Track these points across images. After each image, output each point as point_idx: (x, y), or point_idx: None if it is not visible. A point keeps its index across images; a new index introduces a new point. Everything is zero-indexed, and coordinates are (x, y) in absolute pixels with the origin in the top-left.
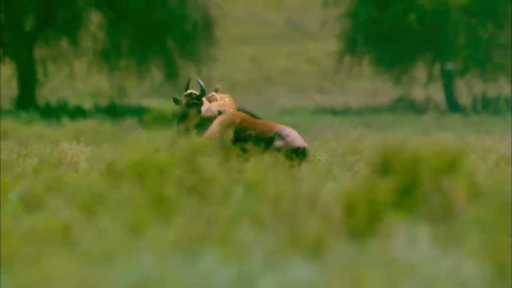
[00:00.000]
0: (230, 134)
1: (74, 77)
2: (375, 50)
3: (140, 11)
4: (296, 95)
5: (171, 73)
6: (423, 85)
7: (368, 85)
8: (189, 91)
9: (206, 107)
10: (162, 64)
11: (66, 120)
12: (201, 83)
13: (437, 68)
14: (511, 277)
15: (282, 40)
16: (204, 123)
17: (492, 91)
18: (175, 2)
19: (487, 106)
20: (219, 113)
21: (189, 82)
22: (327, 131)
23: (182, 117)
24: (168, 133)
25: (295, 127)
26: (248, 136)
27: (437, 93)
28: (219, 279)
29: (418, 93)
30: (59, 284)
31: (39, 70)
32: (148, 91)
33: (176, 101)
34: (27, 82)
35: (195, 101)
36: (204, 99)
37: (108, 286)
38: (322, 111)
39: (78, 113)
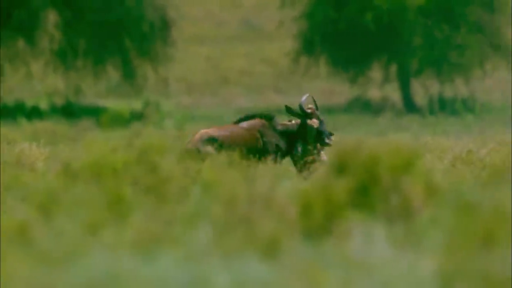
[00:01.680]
0: None
1: (31, 77)
2: (332, 51)
3: (97, 10)
4: (253, 95)
5: (127, 73)
6: (379, 85)
7: (324, 85)
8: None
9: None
10: (118, 64)
11: (23, 120)
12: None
13: (393, 68)
14: (467, 276)
15: (238, 40)
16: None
17: (448, 91)
18: (132, 2)
19: (443, 106)
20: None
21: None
22: None
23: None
24: (124, 133)
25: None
26: None
27: (393, 94)
28: (176, 279)
29: (374, 94)
30: (16, 284)
31: None
32: (104, 91)
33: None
34: None
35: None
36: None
37: (65, 286)
38: (279, 111)
39: (34, 113)
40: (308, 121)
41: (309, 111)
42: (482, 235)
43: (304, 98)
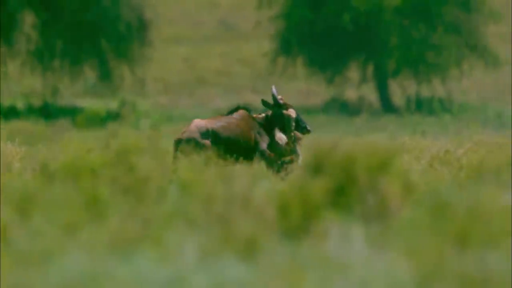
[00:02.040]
0: None
1: (8, 77)
2: (309, 51)
3: (73, 11)
4: (230, 95)
5: (104, 74)
6: (356, 85)
7: (301, 85)
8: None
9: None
10: (95, 65)
11: None
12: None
13: (370, 68)
14: (444, 276)
15: (215, 40)
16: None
17: (425, 91)
18: (108, 2)
19: (420, 106)
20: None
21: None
22: None
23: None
24: (101, 133)
25: None
26: None
27: (371, 94)
28: (153, 279)
29: (351, 94)
30: None
31: None
32: (81, 91)
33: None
34: None
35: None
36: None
37: (42, 286)
38: (256, 111)
39: (11, 113)
40: (285, 112)
41: (281, 101)
42: (459, 235)
43: (274, 89)
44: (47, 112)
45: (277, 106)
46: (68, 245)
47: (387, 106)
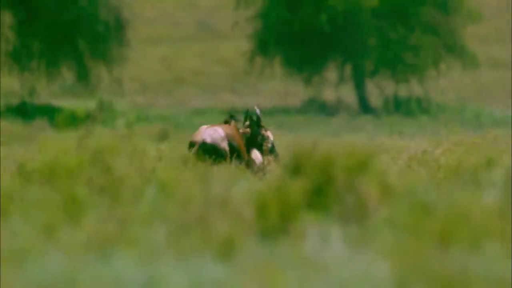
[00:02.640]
0: None
1: None
2: (286, 51)
3: (51, 11)
4: (208, 95)
5: (82, 74)
6: (334, 86)
7: (279, 86)
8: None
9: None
10: (73, 65)
11: None
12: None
13: (348, 69)
14: (422, 276)
15: (193, 40)
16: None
17: (403, 92)
18: (86, 2)
19: (398, 107)
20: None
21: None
22: None
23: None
24: (79, 133)
25: None
26: None
27: (348, 94)
28: (131, 280)
29: (329, 94)
30: None
31: None
32: (59, 91)
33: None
34: None
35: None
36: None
37: (20, 286)
38: (234, 112)
39: None
40: (264, 132)
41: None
42: (437, 235)
43: (258, 110)
44: (25, 112)
45: (258, 126)
46: (45, 246)
47: (365, 106)
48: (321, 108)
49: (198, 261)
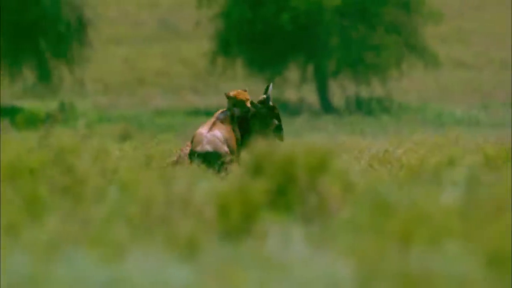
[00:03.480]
0: None
1: None
2: (248, 51)
3: (12, 11)
4: (170, 96)
5: (43, 74)
6: (296, 86)
7: (241, 86)
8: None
9: None
10: (34, 65)
11: None
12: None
13: (310, 69)
14: (384, 276)
15: (155, 40)
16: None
17: (364, 91)
18: (48, 2)
19: (360, 106)
20: None
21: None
22: None
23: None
24: (39, 134)
25: (169, 128)
26: None
27: (310, 94)
28: (93, 280)
29: (291, 95)
30: None
31: None
32: (20, 92)
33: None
34: None
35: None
36: None
37: None
38: (196, 112)
39: None
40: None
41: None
42: (399, 235)
43: (271, 87)
44: None
45: (267, 108)
46: (7, 246)
47: (327, 106)
48: (283, 108)
49: (161, 261)
